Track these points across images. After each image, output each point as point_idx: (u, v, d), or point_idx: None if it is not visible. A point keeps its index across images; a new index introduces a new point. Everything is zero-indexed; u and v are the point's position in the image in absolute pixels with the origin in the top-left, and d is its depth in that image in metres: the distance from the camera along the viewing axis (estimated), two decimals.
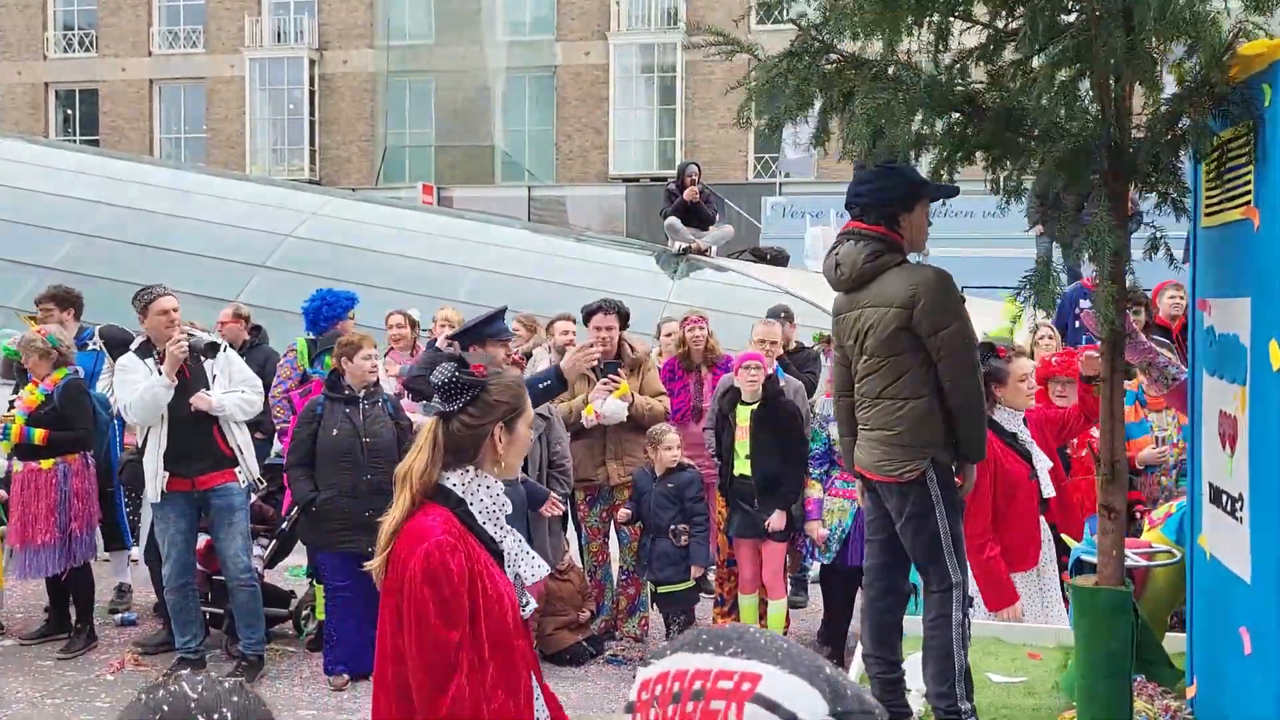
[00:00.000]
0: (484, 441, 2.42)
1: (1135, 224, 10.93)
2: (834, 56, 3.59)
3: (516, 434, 2.46)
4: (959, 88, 3.47)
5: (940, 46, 3.52)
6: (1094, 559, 3.98)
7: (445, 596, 2.28)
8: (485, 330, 5.06)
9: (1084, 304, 7.99)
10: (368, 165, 28.65)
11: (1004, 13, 3.47)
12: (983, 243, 14.81)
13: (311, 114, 28.66)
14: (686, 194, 11.53)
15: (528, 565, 2.52)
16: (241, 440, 5.75)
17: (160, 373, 5.48)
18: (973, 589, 4.08)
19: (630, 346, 6.23)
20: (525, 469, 5.60)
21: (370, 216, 12.43)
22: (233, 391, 5.66)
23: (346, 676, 5.63)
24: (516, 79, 28.67)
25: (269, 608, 6.16)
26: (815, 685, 1.09)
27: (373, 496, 5.60)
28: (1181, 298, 7.61)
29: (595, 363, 5.58)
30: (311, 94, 28.64)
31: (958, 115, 3.49)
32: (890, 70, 3.45)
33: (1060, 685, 4.07)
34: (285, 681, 5.71)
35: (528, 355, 7.43)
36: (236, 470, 5.66)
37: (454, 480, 2.41)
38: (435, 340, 7.57)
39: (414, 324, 7.53)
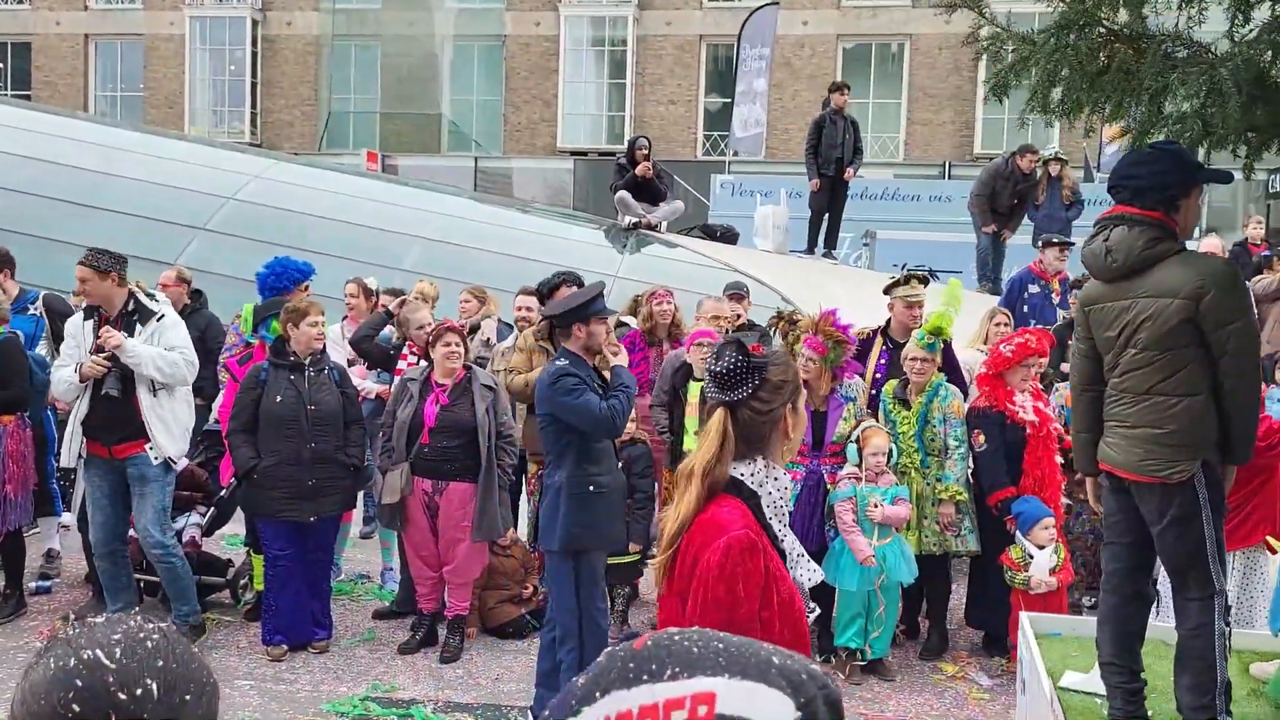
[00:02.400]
0: (777, 426, 2.26)
1: (1075, 211, 11.20)
2: (1102, 30, 3.46)
3: (800, 412, 2.32)
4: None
5: (1241, 19, 3.38)
6: None
7: (739, 596, 2.11)
8: (590, 309, 4.95)
9: (1031, 289, 8.13)
10: (310, 130, 28.11)
11: None
12: (929, 226, 14.98)
13: (253, 76, 28.00)
14: (639, 170, 11.48)
15: (805, 569, 2.35)
16: (163, 414, 5.42)
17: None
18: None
19: None
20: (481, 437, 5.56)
21: (315, 182, 12.19)
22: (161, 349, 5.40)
23: (285, 647, 5.56)
24: (464, 47, 28.29)
25: (206, 576, 6.06)
26: (772, 684, 1.00)
27: (316, 465, 5.53)
28: None
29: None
30: (254, 55, 27.97)
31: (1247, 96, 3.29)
32: (1167, 47, 3.31)
33: (1270, 690, 3.95)
34: (222, 652, 5.63)
35: (475, 327, 7.36)
36: (147, 445, 5.43)
37: (745, 472, 2.25)
38: (387, 307, 7.48)
39: (369, 293, 7.36)
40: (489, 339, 7.22)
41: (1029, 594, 5.22)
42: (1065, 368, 6.21)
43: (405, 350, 6.49)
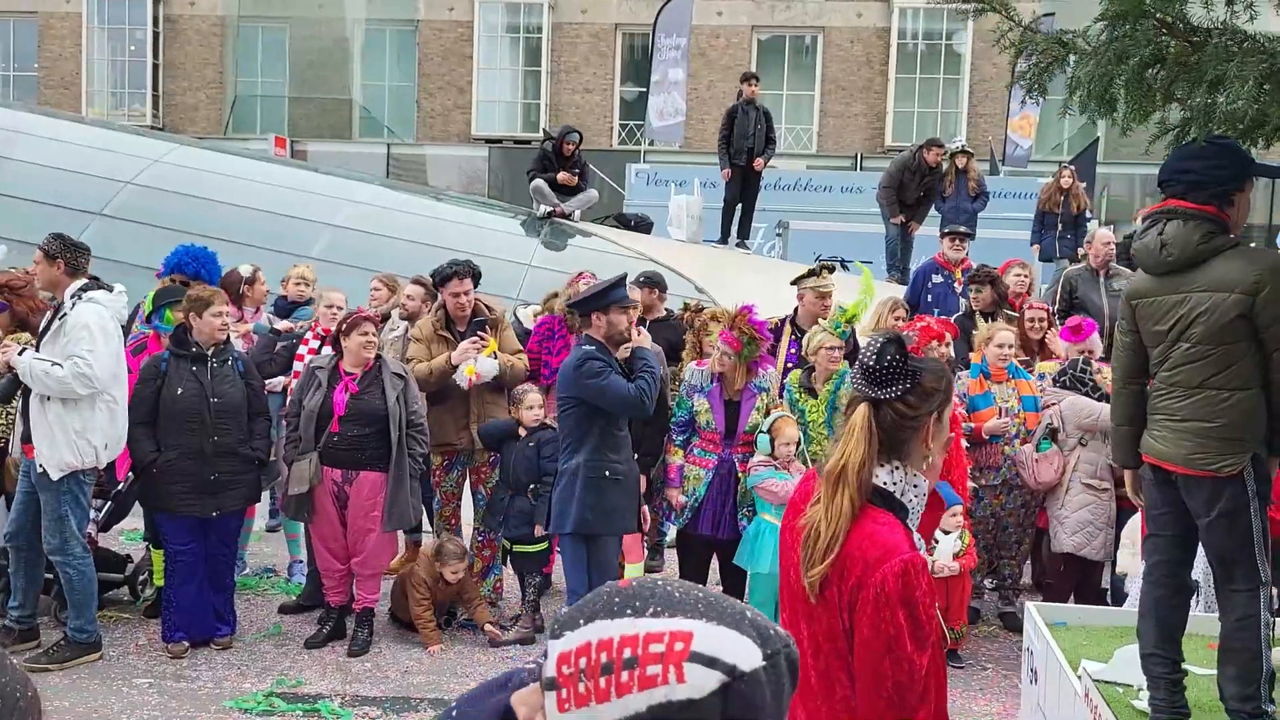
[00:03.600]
0: (919, 433, 2.18)
1: (981, 203, 11.45)
2: (1154, 24, 3.35)
3: (944, 425, 2.23)
4: None
5: None
6: None
7: (920, 619, 2.06)
8: (609, 298, 4.91)
9: (935, 278, 8.31)
10: (215, 114, 27.34)
11: None
12: (842, 217, 15.19)
13: (155, 57, 27.10)
14: (562, 178, 11.46)
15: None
16: (50, 423, 5.04)
17: None
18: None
19: (487, 307, 6.16)
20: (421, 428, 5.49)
21: (219, 166, 11.88)
22: (46, 361, 5.03)
23: (186, 644, 5.43)
24: (376, 32, 27.79)
25: (103, 573, 5.87)
26: (744, 632, 1.09)
27: (218, 459, 5.40)
28: (1026, 275, 7.98)
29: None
30: (155, 36, 27.08)
31: None
32: (1224, 40, 3.22)
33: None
34: (120, 650, 5.47)
35: (386, 316, 7.25)
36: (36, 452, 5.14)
37: (886, 479, 2.16)
38: (287, 297, 7.32)
39: (246, 280, 7.02)
40: (396, 328, 7.12)
41: (934, 578, 5.34)
42: (974, 356, 6.35)
43: (308, 336, 6.36)
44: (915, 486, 2.17)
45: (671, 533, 6.44)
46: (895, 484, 2.14)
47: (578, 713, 1.09)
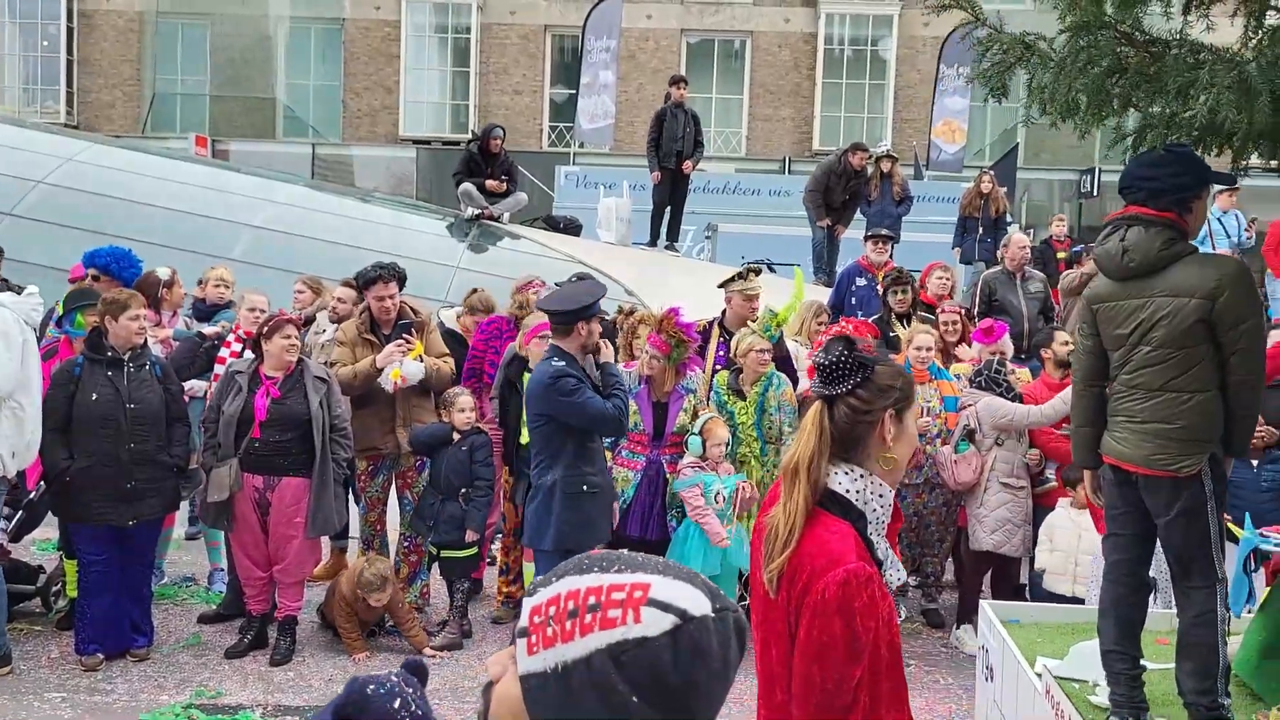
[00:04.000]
0: (873, 430, 2.15)
1: (905, 207, 11.65)
2: (1115, 35, 3.37)
3: (906, 426, 2.19)
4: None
5: (1254, 24, 3.37)
6: (1274, 548, 4.04)
7: (856, 631, 2.05)
8: (595, 308, 4.84)
9: (859, 281, 8.44)
10: (133, 112, 26.67)
11: None
12: (770, 220, 15.33)
13: (69, 53, 26.34)
14: (490, 185, 11.39)
15: (894, 570, 2.24)
16: None
17: None
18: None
19: (412, 309, 6.11)
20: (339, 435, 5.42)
21: (136, 166, 11.58)
22: None
23: (100, 656, 5.30)
24: (301, 30, 27.35)
25: (14, 585, 5.70)
26: (697, 586, 1.22)
27: (135, 466, 5.28)
28: (948, 278, 8.15)
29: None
30: (70, 31, 26.32)
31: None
32: (1185, 52, 3.25)
33: (1236, 667, 4.00)
34: (32, 663, 5.31)
35: (310, 319, 7.15)
36: None
37: (846, 485, 2.14)
38: (206, 300, 7.18)
39: (164, 283, 6.84)
40: (324, 330, 7.03)
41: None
42: (897, 358, 6.46)
43: (229, 339, 6.25)
44: (880, 496, 2.14)
45: None
46: (856, 491, 2.12)
47: (545, 653, 1.19)
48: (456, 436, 5.77)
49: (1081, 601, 5.31)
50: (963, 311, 7.32)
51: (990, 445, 5.86)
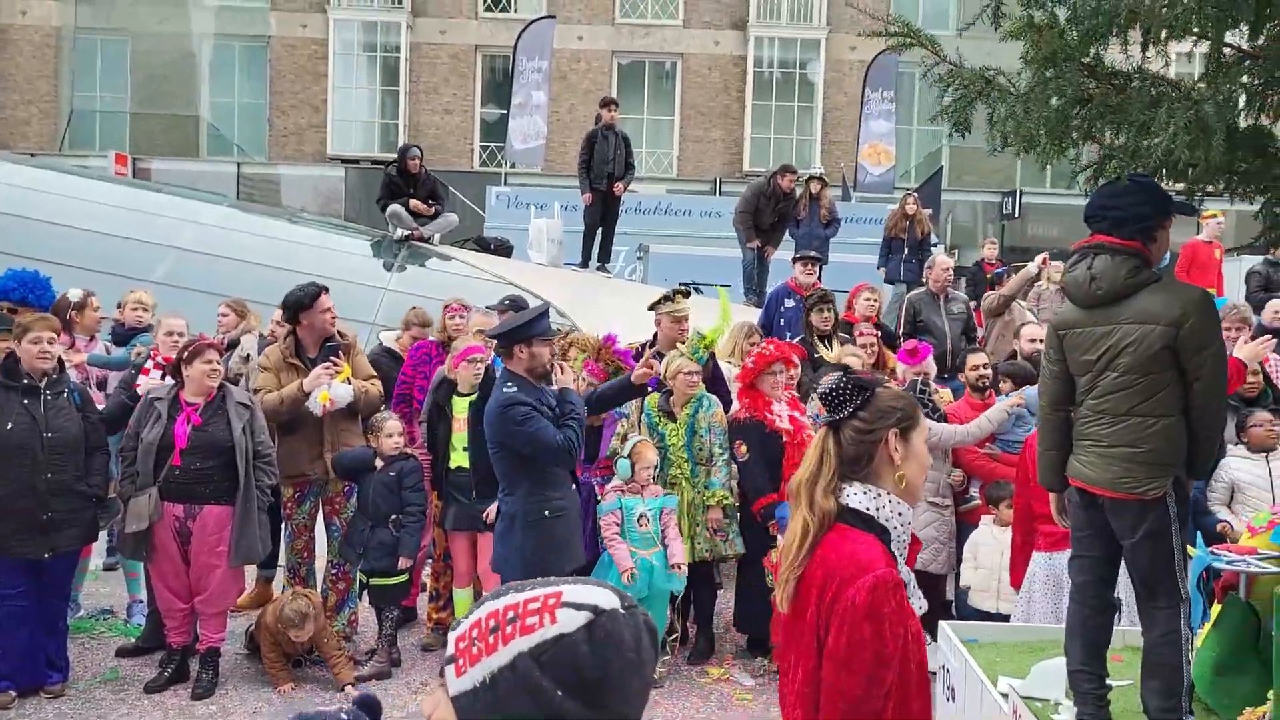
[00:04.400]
0: (878, 449, 2.23)
1: (833, 229, 11.82)
2: (1079, 67, 3.43)
3: (913, 446, 2.27)
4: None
5: (1214, 67, 3.43)
6: (1225, 566, 4.14)
7: (885, 636, 2.08)
8: (532, 330, 4.75)
9: (788, 302, 8.54)
10: (50, 129, 26.01)
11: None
12: (701, 241, 15.46)
13: None
14: (415, 206, 11.31)
15: (916, 599, 2.26)
16: None
17: None
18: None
19: (339, 331, 6.05)
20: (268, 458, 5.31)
21: (51, 185, 11.30)
22: None
23: (13, 694, 5.14)
24: (225, 47, 26.95)
25: None
26: (605, 588, 1.32)
27: (52, 497, 5.14)
28: (875, 299, 8.29)
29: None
30: None
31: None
32: (1147, 85, 3.32)
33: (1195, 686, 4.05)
34: None
35: (234, 343, 7.04)
36: None
37: (864, 501, 2.21)
38: (124, 323, 7.03)
39: (75, 306, 6.64)
40: (248, 355, 6.92)
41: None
42: (827, 379, 6.55)
43: (147, 365, 6.12)
44: (899, 514, 2.22)
45: None
46: (877, 509, 2.20)
47: (472, 670, 1.27)
48: (380, 463, 5.71)
49: (1006, 618, 5.43)
50: (879, 334, 7.45)
51: None
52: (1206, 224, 11.19)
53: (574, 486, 5.00)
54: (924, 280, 9.01)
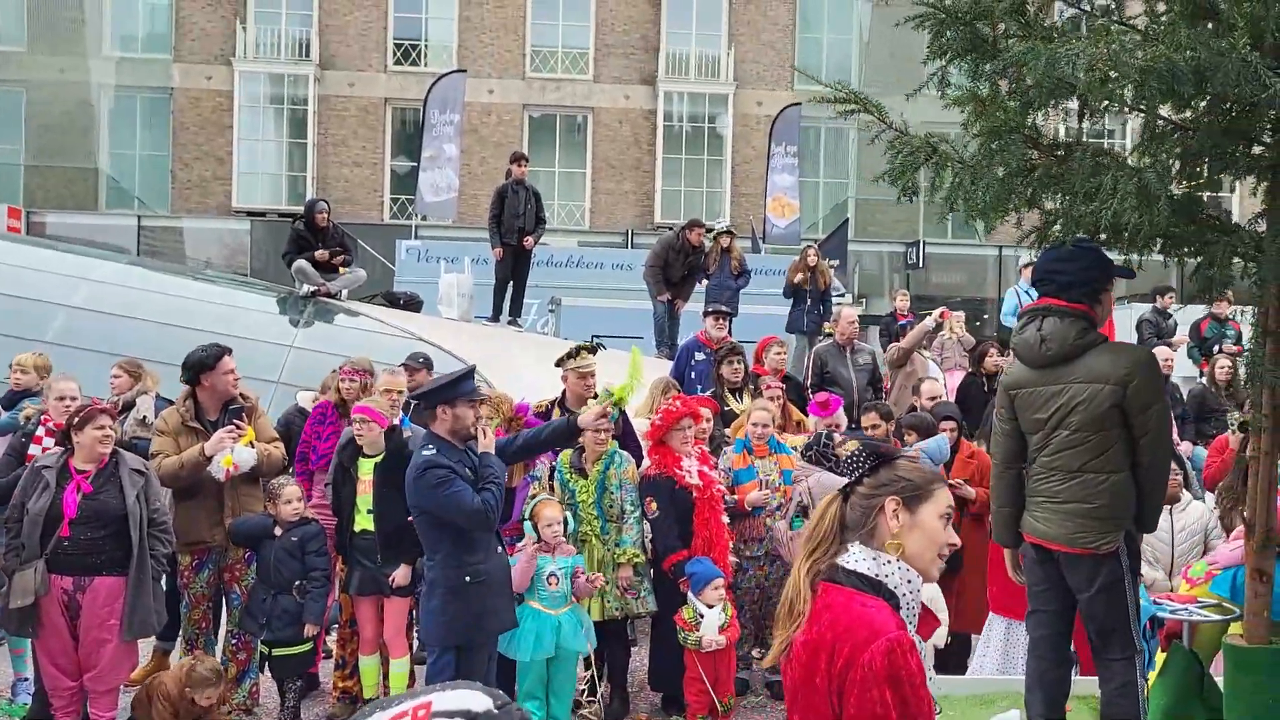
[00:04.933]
0: (877, 515, 2.20)
1: (743, 281, 11.97)
2: (1021, 138, 3.56)
3: (919, 519, 2.21)
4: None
5: (1149, 136, 3.58)
6: (1169, 615, 4.25)
7: (907, 698, 2.04)
8: (456, 390, 4.65)
9: (698, 356, 8.62)
10: None
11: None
12: (612, 294, 15.53)
13: None
14: (319, 256, 11.19)
15: (927, 665, 2.21)
16: None
17: None
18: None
19: (241, 394, 5.91)
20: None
21: None
22: None
23: None
24: (126, 98, 26.44)
25: None
26: (475, 690, 1.31)
27: None
28: (784, 352, 8.42)
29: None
30: None
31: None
32: (1088, 155, 3.45)
33: None
34: None
35: (129, 405, 6.82)
36: None
37: (867, 565, 2.17)
38: (14, 391, 6.79)
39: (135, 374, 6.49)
40: (144, 417, 6.71)
41: (701, 653, 5.46)
42: (739, 432, 6.60)
43: (39, 433, 5.90)
44: (908, 581, 2.19)
45: None
46: (884, 574, 2.17)
47: None
48: (280, 530, 5.57)
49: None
50: (785, 387, 7.55)
51: None
52: None
53: (500, 549, 4.91)
54: (826, 331, 9.19)
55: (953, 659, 6.28)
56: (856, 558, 2.18)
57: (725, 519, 5.99)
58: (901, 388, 8.68)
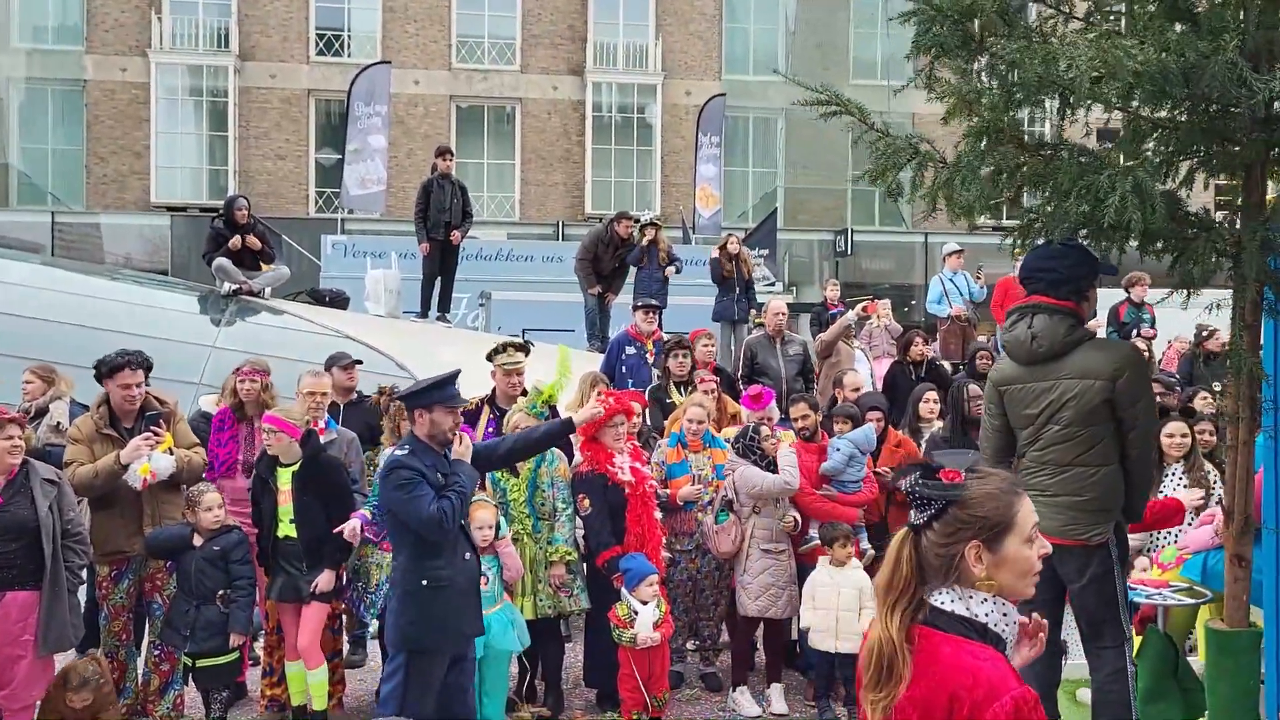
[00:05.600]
0: (956, 563, 2.05)
1: (678, 266, 11.92)
2: (1006, 136, 3.61)
3: (1005, 554, 2.06)
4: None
5: (1131, 135, 3.66)
6: (1144, 600, 4.39)
7: None
8: (435, 395, 4.54)
9: (629, 350, 8.61)
10: None
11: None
12: (543, 287, 15.45)
13: None
14: (233, 243, 10.89)
15: None
16: None
17: None
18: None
19: (157, 399, 5.76)
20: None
21: None
22: None
23: None
24: (37, 91, 25.62)
25: None
26: None
27: None
28: (713, 345, 8.45)
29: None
30: None
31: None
32: (1075, 155, 3.52)
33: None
34: None
35: (42, 411, 6.61)
36: None
37: (958, 607, 2.04)
38: None
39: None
40: (59, 424, 6.51)
41: (636, 649, 5.46)
42: (673, 426, 6.61)
43: None
44: (1004, 615, 2.07)
45: (374, 625, 6.21)
46: (984, 614, 2.04)
47: None
48: (200, 539, 5.44)
49: (849, 658, 5.54)
50: (719, 381, 7.58)
51: (749, 513, 6.06)
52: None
53: (468, 555, 4.84)
54: (753, 320, 9.25)
55: None
56: (949, 599, 2.06)
57: (658, 514, 5.99)
58: (827, 378, 8.77)
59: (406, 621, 4.58)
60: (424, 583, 4.58)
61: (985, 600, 2.05)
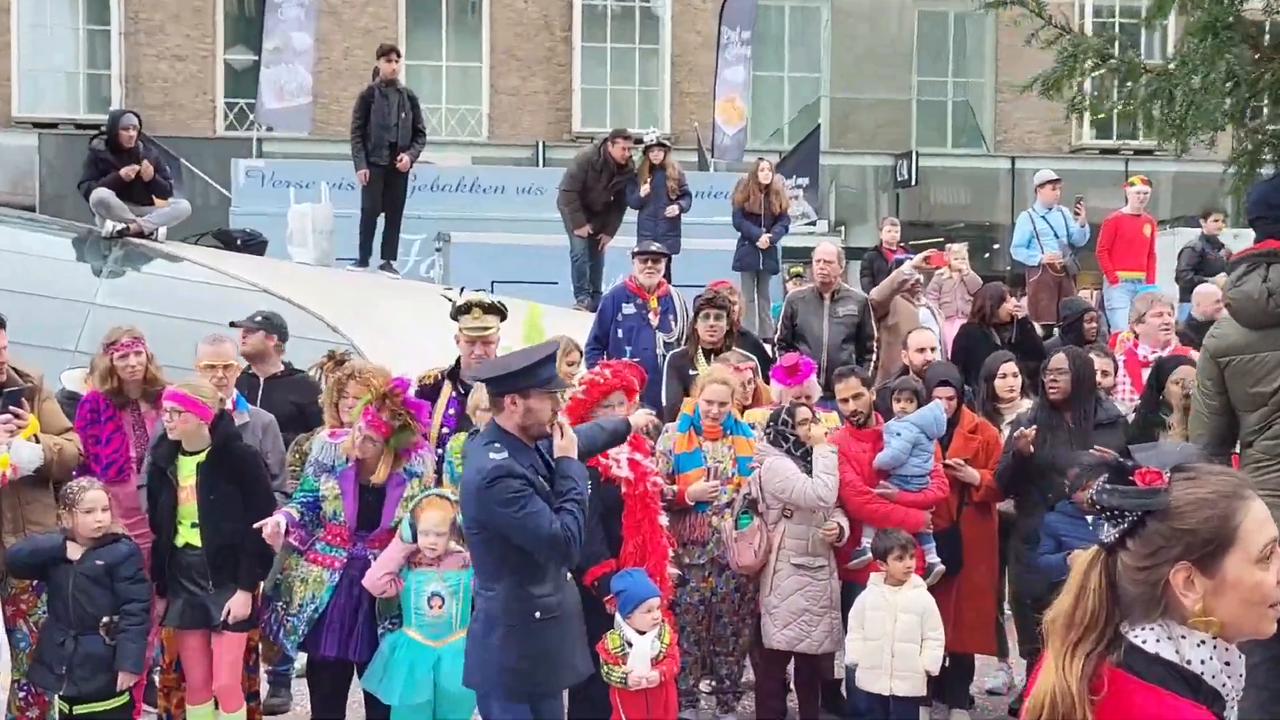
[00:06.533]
0: (1162, 592, 2.01)
1: (686, 204, 11.93)
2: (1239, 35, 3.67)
3: (1226, 578, 2.00)
4: None
5: None
6: None
7: None
8: (535, 378, 4.58)
9: (627, 308, 8.63)
10: None
11: None
12: (518, 225, 15.46)
13: None
14: (124, 173, 10.89)
15: None
16: None
17: None
18: None
19: (18, 373, 5.81)
20: None
21: None
22: None
23: None
24: None
25: None
26: None
27: None
28: (739, 302, 8.48)
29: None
30: None
31: None
32: None
33: None
34: None
35: None
36: None
37: (1181, 652, 2.00)
38: None
39: None
40: None
41: (629, 691, 5.50)
42: (686, 406, 6.63)
43: None
44: (1227, 664, 2.02)
45: (301, 658, 6.28)
46: (1199, 662, 2.00)
47: None
48: (77, 550, 5.49)
49: (908, 701, 5.59)
50: (755, 365, 7.47)
51: (778, 517, 6.08)
52: (1130, 193, 11.81)
53: (569, 577, 4.93)
54: (793, 272, 9.23)
55: (952, 687, 6.43)
56: (1152, 637, 2.02)
57: (663, 519, 6.01)
58: (888, 345, 8.65)
59: (513, 662, 4.66)
60: (536, 615, 4.67)
61: (1203, 643, 2.01)
